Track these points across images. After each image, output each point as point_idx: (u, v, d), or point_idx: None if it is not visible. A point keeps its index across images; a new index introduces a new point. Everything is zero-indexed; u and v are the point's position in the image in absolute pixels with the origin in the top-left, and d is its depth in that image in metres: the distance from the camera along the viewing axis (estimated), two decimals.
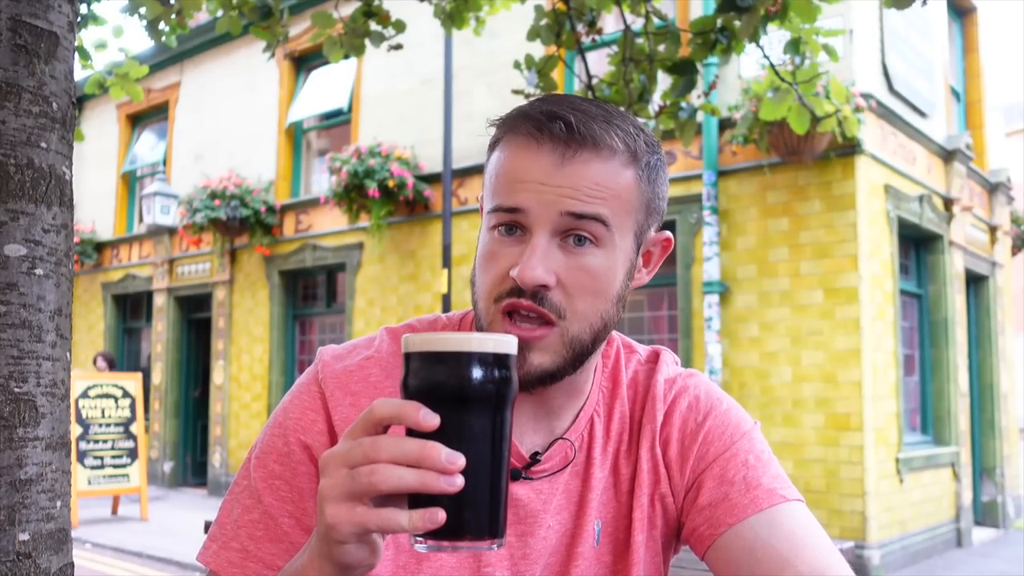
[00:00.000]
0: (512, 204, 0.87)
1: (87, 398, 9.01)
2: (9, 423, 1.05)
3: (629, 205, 0.90)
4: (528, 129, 0.88)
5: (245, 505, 0.93)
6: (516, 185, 0.88)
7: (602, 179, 0.87)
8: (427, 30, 7.70)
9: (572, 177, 0.86)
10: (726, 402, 1.01)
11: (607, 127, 0.88)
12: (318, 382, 0.96)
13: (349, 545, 0.70)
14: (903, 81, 7.86)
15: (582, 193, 0.86)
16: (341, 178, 9.27)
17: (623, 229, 0.90)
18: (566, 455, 0.97)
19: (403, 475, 0.66)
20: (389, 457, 0.67)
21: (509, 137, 0.90)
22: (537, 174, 0.87)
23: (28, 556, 1.05)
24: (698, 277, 7.58)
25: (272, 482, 0.93)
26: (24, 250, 1.08)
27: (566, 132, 0.86)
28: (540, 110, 0.88)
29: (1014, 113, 19.58)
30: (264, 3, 3.65)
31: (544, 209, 0.86)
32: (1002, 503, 9.51)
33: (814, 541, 0.88)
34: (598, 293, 0.89)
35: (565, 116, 0.87)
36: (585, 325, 0.88)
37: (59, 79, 1.14)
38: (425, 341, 0.70)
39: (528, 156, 0.88)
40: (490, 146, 0.94)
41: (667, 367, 1.03)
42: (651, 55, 3.52)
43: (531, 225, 0.87)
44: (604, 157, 0.87)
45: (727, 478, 0.93)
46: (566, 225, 0.87)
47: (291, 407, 0.96)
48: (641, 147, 0.90)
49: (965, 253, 8.94)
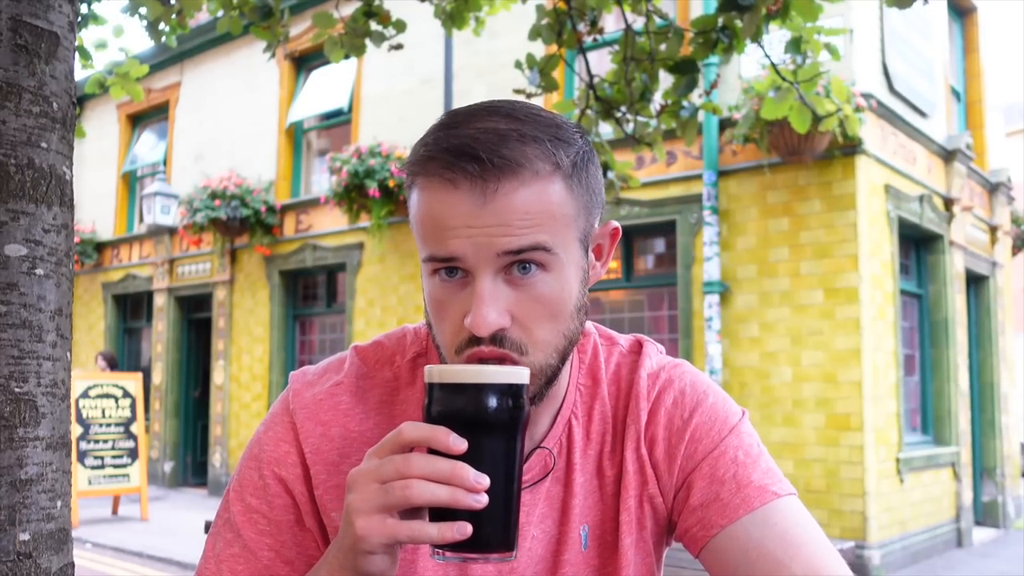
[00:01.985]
0: (446, 254, 0.82)
1: (87, 398, 9.01)
2: (9, 423, 1.05)
3: (566, 218, 0.84)
4: (438, 171, 0.81)
5: (226, 539, 0.94)
6: (444, 233, 0.82)
7: (531, 206, 0.81)
8: (427, 30, 7.70)
9: (499, 214, 0.80)
10: (712, 395, 0.98)
11: (521, 147, 0.81)
12: (289, 412, 0.96)
13: (376, 556, 0.75)
14: (903, 81, 7.86)
15: (514, 228, 0.80)
16: (341, 178, 9.27)
17: (566, 243, 0.85)
18: (545, 464, 0.95)
19: (436, 491, 0.72)
20: (422, 474, 0.73)
21: (422, 181, 0.84)
22: (462, 218, 0.80)
23: (28, 556, 1.05)
24: (698, 277, 7.57)
25: (250, 515, 0.93)
26: (24, 250, 1.07)
27: (479, 168, 0.79)
28: (445, 147, 0.81)
29: (1014, 113, 19.57)
30: (264, 3, 3.65)
31: (479, 252, 0.81)
32: (1002, 503, 9.51)
33: (808, 540, 0.87)
34: (555, 316, 0.85)
35: (473, 151, 0.80)
36: (550, 351, 0.86)
37: (59, 79, 1.14)
38: (446, 372, 0.78)
39: (447, 201, 0.81)
40: (406, 187, 0.88)
41: (650, 359, 1.00)
42: (652, 54, 3.52)
43: (471, 269, 0.82)
44: (527, 182, 0.81)
45: (717, 477, 0.91)
46: (507, 261, 0.82)
47: (265, 439, 0.96)
48: (562, 155, 0.83)
49: (965, 253, 8.94)
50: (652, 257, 8.45)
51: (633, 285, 8.34)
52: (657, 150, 3.86)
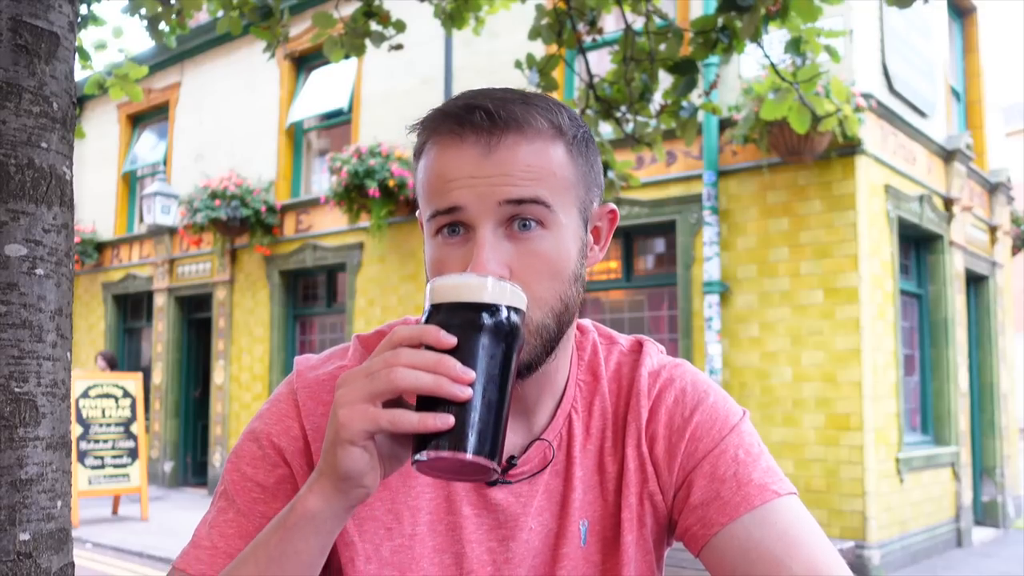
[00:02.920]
0: (448, 204, 0.85)
1: (87, 398, 9.01)
2: (10, 423, 1.05)
3: (566, 181, 0.88)
4: (449, 127, 0.87)
5: (220, 507, 0.93)
6: (447, 185, 0.86)
7: (533, 160, 0.85)
8: (427, 30, 7.70)
9: (502, 164, 0.85)
10: (713, 394, 0.98)
11: (526, 108, 0.86)
12: (293, 392, 0.96)
13: (356, 449, 0.74)
14: (903, 81, 7.86)
15: (516, 178, 0.84)
16: (341, 178, 9.28)
17: (565, 206, 0.88)
18: (544, 456, 0.95)
19: (420, 376, 0.72)
20: (408, 363, 0.73)
21: (432, 139, 0.89)
22: (466, 168, 0.85)
23: (29, 556, 1.05)
24: (698, 277, 7.58)
25: (245, 484, 0.93)
26: (25, 250, 1.08)
27: (487, 120, 0.85)
28: (457, 104, 0.87)
29: (1014, 113, 19.58)
30: (264, 3, 3.65)
31: (481, 202, 0.84)
32: (1002, 503, 9.51)
33: (808, 539, 0.87)
34: (554, 275, 0.87)
35: (483, 105, 0.85)
36: (547, 310, 0.86)
37: (59, 79, 1.14)
38: (445, 280, 0.79)
39: (453, 153, 0.86)
40: (415, 155, 0.92)
41: (650, 358, 1.00)
42: (652, 54, 3.52)
43: (472, 221, 0.85)
44: (530, 138, 0.86)
45: (718, 475, 0.91)
46: (507, 213, 0.85)
47: (267, 415, 0.96)
48: (565, 122, 0.89)
49: (965, 253, 8.94)
50: (652, 257, 8.45)
51: (633, 285, 8.34)
52: (657, 150, 3.86)
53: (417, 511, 0.93)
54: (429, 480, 0.94)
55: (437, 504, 0.94)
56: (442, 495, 0.94)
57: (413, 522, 0.93)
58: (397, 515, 0.93)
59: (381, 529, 0.92)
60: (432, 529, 0.93)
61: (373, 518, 0.92)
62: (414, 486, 0.93)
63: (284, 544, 0.79)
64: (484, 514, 0.94)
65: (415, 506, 0.93)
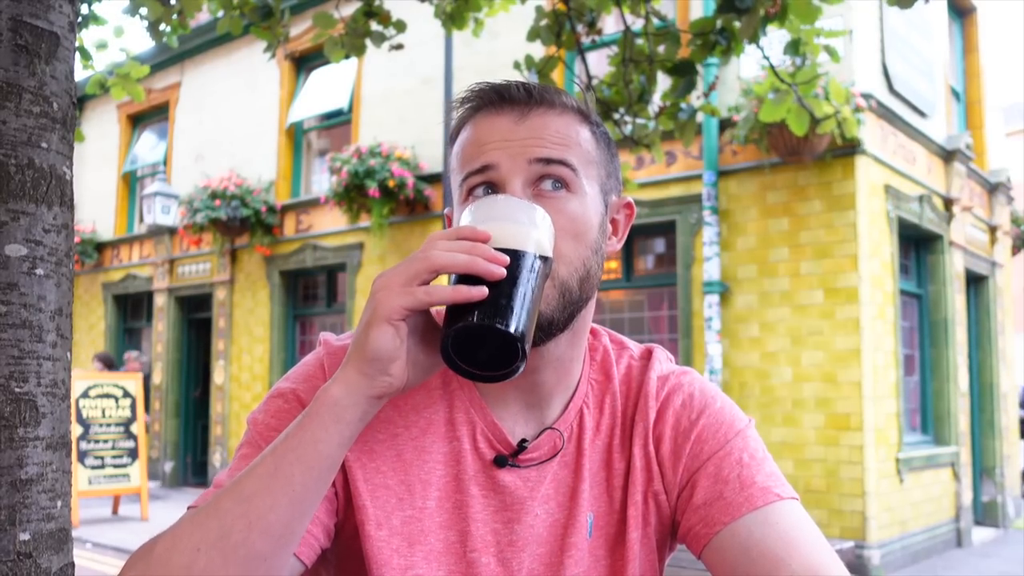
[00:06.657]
0: (481, 164, 0.91)
1: (87, 398, 9.01)
2: (10, 423, 1.06)
3: (590, 155, 0.94)
4: (490, 98, 0.94)
5: (242, 454, 0.93)
6: (482, 148, 0.92)
7: (562, 129, 0.93)
8: (427, 30, 7.70)
9: (534, 128, 0.92)
10: (720, 400, 1.01)
11: (558, 93, 0.95)
12: (320, 358, 0.98)
13: (388, 328, 0.77)
14: (903, 81, 7.86)
15: (546, 141, 0.91)
16: (341, 178, 9.28)
17: (589, 177, 0.94)
18: (555, 445, 0.97)
19: (456, 255, 0.77)
20: (445, 247, 0.78)
21: (470, 114, 0.96)
22: (501, 132, 0.92)
23: (29, 556, 1.05)
24: (698, 277, 7.58)
25: (268, 433, 0.93)
26: (25, 250, 1.08)
27: (525, 93, 0.93)
28: (497, 82, 0.95)
29: (1014, 113, 19.57)
30: (265, 3, 3.66)
31: (513, 160, 0.90)
32: (1002, 503, 9.51)
33: (808, 540, 0.88)
34: (578, 236, 0.90)
35: (520, 83, 0.94)
36: (571, 269, 0.89)
37: (60, 79, 1.15)
38: (490, 197, 0.88)
39: (490, 120, 0.93)
40: (451, 138, 0.98)
41: (660, 364, 1.03)
42: (651, 56, 3.52)
43: (503, 179, 0.90)
44: (560, 112, 0.94)
45: (722, 476, 0.93)
46: (536, 172, 0.90)
47: (292, 376, 0.98)
48: (590, 110, 0.97)
49: (965, 253, 8.94)
50: (652, 257, 8.46)
51: (633, 285, 8.34)
52: (655, 151, 3.86)
53: (428, 485, 0.94)
54: (441, 457, 0.95)
55: (447, 481, 0.95)
56: (452, 473, 0.95)
57: (424, 496, 0.94)
58: (409, 487, 0.94)
59: (393, 499, 0.93)
60: (440, 505, 0.94)
61: (386, 486, 0.93)
62: (427, 460, 0.95)
63: (303, 432, 0.80)
64: (491, 495, 0.95)
65: (426, 480, 0.94)
